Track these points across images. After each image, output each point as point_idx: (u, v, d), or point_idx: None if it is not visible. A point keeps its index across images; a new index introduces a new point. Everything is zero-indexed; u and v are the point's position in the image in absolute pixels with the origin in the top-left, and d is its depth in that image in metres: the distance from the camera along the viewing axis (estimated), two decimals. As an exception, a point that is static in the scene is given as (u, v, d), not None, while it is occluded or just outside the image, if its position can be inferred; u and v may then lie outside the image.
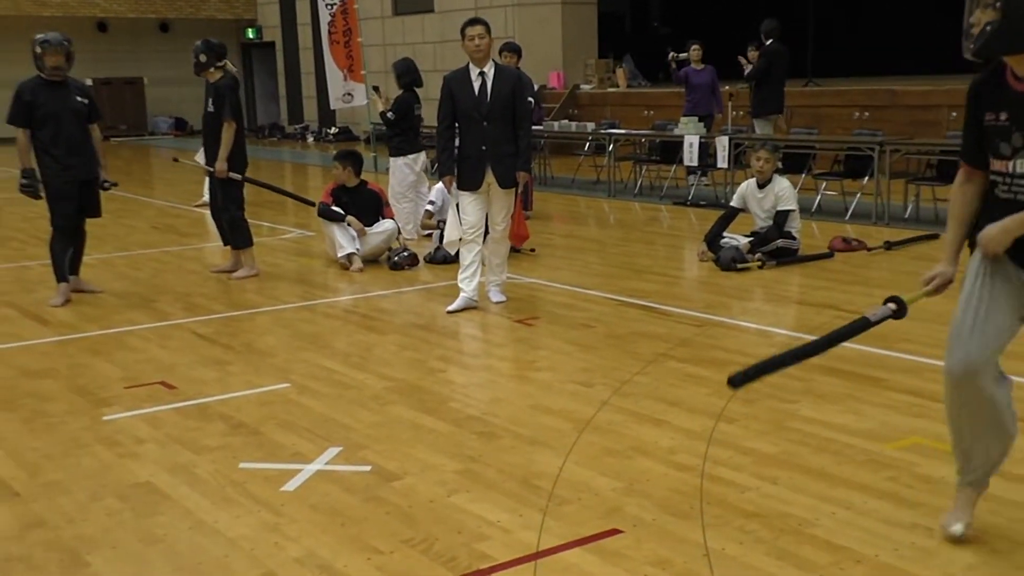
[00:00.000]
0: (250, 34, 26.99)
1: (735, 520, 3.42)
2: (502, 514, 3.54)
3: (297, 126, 25.64)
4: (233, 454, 4.17)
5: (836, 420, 4.34)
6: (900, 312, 3.19)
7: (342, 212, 8.08)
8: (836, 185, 10.61)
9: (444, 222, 8.27)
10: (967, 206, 3.12)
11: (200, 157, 11.60)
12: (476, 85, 6.39)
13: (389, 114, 9.39)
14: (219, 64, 7.46)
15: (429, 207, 8.63)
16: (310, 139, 24.52)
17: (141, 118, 26.67)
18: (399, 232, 8.50)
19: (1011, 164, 2.92)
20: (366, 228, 8.18)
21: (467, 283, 6.60)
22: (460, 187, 6.57)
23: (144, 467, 4.04)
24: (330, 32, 15.77)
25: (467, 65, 6.47)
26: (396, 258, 8.14)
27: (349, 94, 15.99)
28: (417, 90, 9.54)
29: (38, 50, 6.65)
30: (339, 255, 8.12)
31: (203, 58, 7.43)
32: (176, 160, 11.45)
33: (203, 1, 25.98)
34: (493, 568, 3.16)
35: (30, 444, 4.31)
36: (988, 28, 2.77)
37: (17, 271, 8.28)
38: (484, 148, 6.41)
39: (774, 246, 7.73)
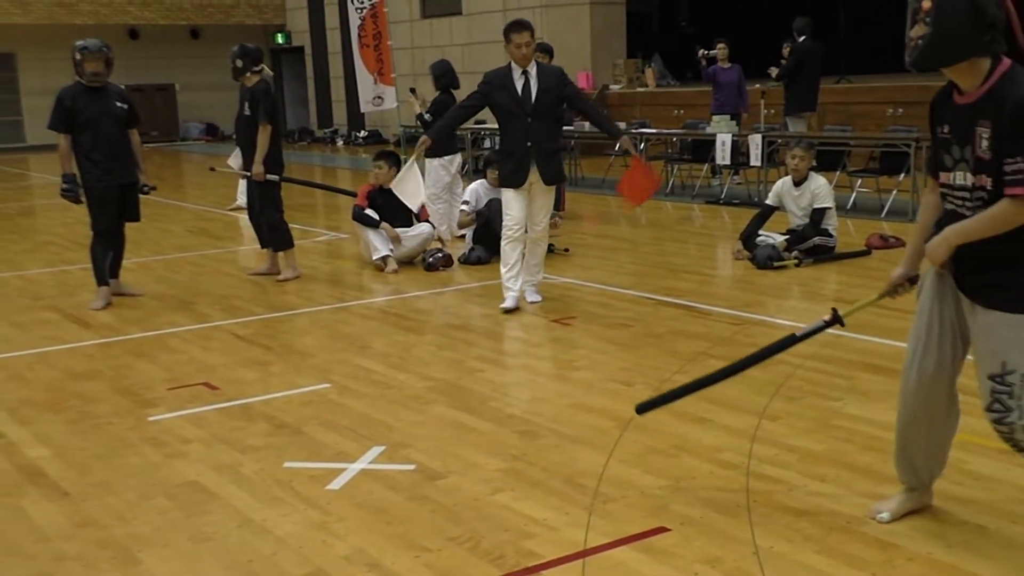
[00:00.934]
0: (279, 39, 27.19)
1: (783, 518, 3.40)
2: (547, 512, 3.54)
3: (327, 130, 25.80)
4: (277, 453, 4.19)
5: (881, 418, 4.30)
6: (833, 323, 3.43)
7: (376, 219, 8.10)
8: (871, 182, 10.53)
9: (479, 216, 8.32)
10: (929, 215, 3.21)
11: (233, 161, 11.72)
12: (519, 85, 6.36)
13: (426, 115, 9.41)
14: (255, 69, 7.53)
15: (464, 207, 8.63)
16: (340, 143, 24.66)
17: (173, 124, 26.95)
18: (435, 234, 8.52)
19: (952, 176, 2.98)
20: (402, 229, 8.21)
21: (513, 281, 6.59)
22: (503, 184, 6.56)
23: (191, 466, 4.07)
24: (360, 36, 15.81)
25: (508, 65, 6.44)
26: (431, 259, 8.16)
27: (379, 97, 16.00)
28: (454, 91, 9.56)
29: (78, 56, 6.73)
30: (374, 257, 8.15)
31: (239, 63, 7.50)
32: (213, 169, 11.53)
33: (233, 8, 26.21)
34: (541, 566, 3.16)
35: (78, 445, 4.36)
36: (920, 42, 2.85)
37: (58, 275, 8.38)
38: (529, 144, 6.38)
39: (811, 244, 7.68)
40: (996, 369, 2.92)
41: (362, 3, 15.67)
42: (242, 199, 12.40)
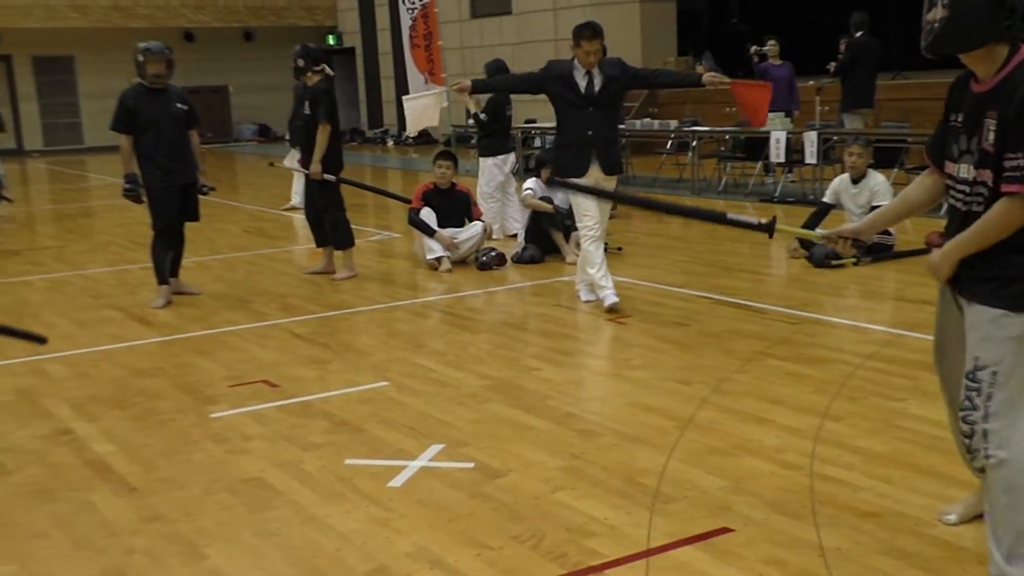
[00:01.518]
0: (331, 40, 27.44)
1: (849, 519, 3.35)
2: (608, 511, 3.53)
3: (377, 130, 25.99)
4: (338, 451, 4.23)
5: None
6: (763, 228, 3.51)
7: (432, 228, 8.13)
8: (930, 179, 10.33)
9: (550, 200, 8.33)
10: (913, 193, 3.19)
11: (289, 162, 11.85)
12: (582, 84, 6.27)
13: (482, 115, 9.43)
14: (316, 68, 7.61)
15: (528, 191, 8.58)
16: (390, 143, 24.83)
17: (226, 125, 27.34)
18: (489, 231, 8.53)
19: (956, 168, 2.88)
20: (454, 229, 8.24)
21: (606, 279, 6.46)
22: (562, 176, 6.36)
23: (253, 463, 4.13)
24: (411, 36, 15.89)
25: (572, 61, 6.31)
26: (484, 258, 8.18)
27: (430, 97, 16.13)
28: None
29: (140, 58, 6.85)
30: (428, 257, 8.19)
31: (301, 62, 7.59)
32: (272, 164, 11.66)
33: (285, 10, 26.52)
34: (605, 565, 3.16)
35: (143, 441, 4.44)
36: (936, 26, 2.74)
37: (118, 274, 8.54)
38: (590, 133, 6.26)
39: (869, 242, 7.55)
40: (970, 366, 2.81)
41: (413, 3, 15.76)
42: (296, 199, 12.54)
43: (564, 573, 3.12)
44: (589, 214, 6.36)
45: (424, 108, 6.98)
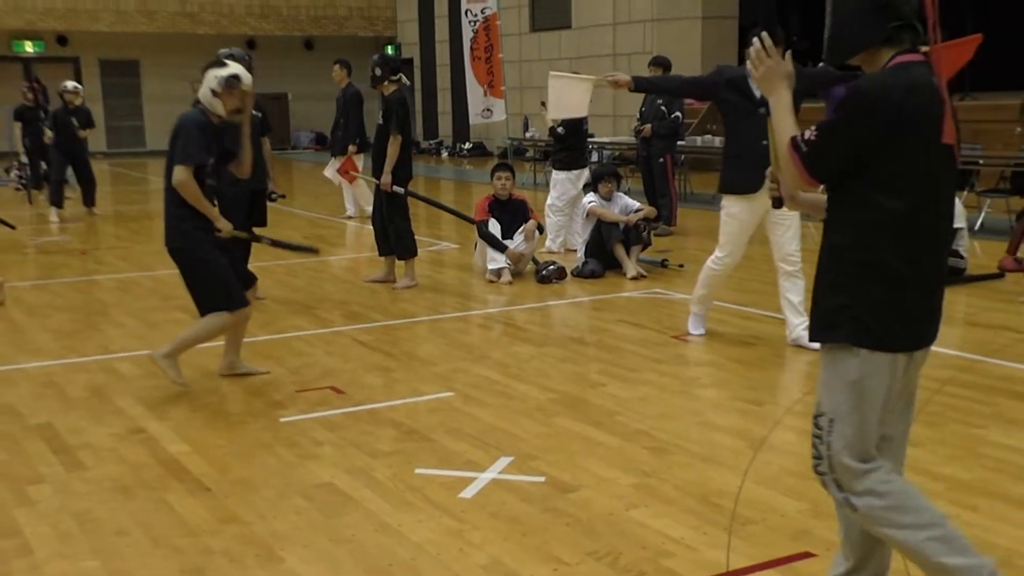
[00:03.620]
0: (390, 51, 27.70)
1: (935, 549, 3.26)
2: (684, 531, 3.48)
3: (432, 141, 26.15)
4: (408, 459, 4.23)
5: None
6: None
7: (503, 244, 8.14)
8: (1001, 203, 10.13)
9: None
10: None
11: (330, 171, 12.00)
12: (758, 89, 5.63)
13: (560, 129, 9.45)
14: (393, 78, 7.66)
15: (592, 203, 8.56)
16: (444, 154, 24.97)
17: (285, 132, 27.69)
18: (541, 231, 8.54)
19: None
20: (518, 241, 8.25)
21: (700, 306, 6.24)
22: (733, 191, 5.84)
23: (325, 469, 4.14)
24: (472, 48, 15.99)
25: (745, 65, 5.97)
26: (544, 272, 8.16)
27: (488, 110, 16.16)
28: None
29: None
30: (490, 267, 8.19)
31: (378, 71, 7.65)
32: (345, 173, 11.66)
33: (346, 20, 26.83)
34: (683, 586, 3.11)
35: (215, 442, 4.47)
36: (825, 35, 2.67)
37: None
38: (765, 143, 5.94)
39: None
40: (815, 410, 2.67)
41: (476, 16, 15.86)
42: (351, 208, 12.67)
43: (643, 592, 3.08)
44: (724, 240, 5.93)
45: (572, 91, 6.43)
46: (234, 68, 5.16)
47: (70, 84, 13.13)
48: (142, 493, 3.89)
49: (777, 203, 2.91)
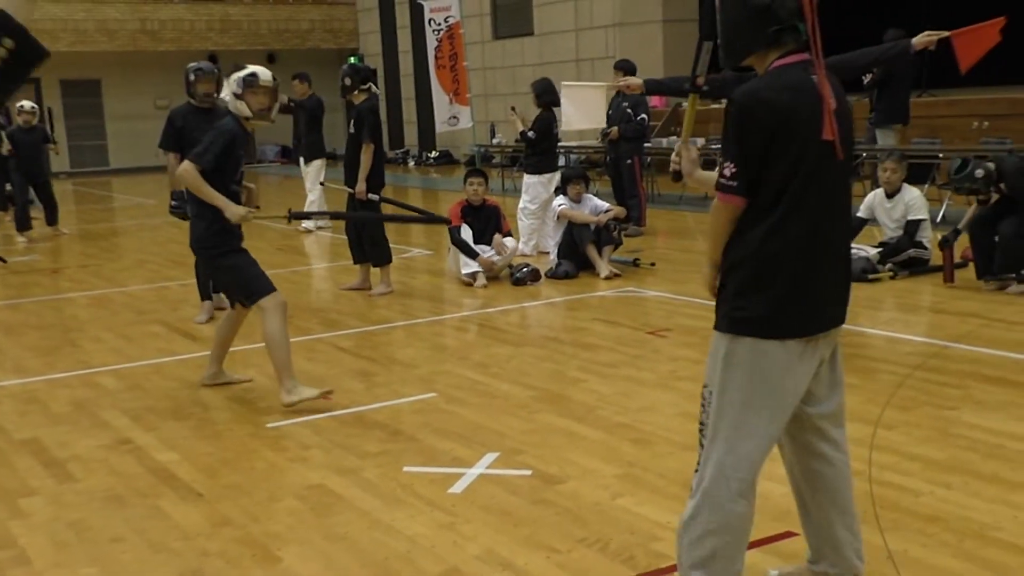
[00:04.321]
0: (353, 62, 27.71)
1: (913, 523, 3.39)
2: (671, 516, 3.57)
3: (398, 151, 26.17)
4: (395, 459, 4.29)
5: (1002, 427, 4.26)
6: None
7: (475, 251, 8.22)
8: (961, 196, 10.34)
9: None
10: None
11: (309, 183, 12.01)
12: None
13: (530, 133, 9.54)
14: (363, 87, 7.72)
15: (563, 205, 8.65)
16: (411, 163, 25.00)
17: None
18: (518, 249, 8.65)
19: None
20: (489, 248, 8.33)
21: None
22: None
23: (314, 471, 4.19)
24: (436, 57, 16.09)
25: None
26: (519, 274, 8.25)
27: (455, 117, 16.26)
28: (554, 109, 9.69)
29: (191, 77, 6.97)
30: (463, 272, 8.27)
31: (348, 81, 7.71)
32: (323, 184, 11.61)
33: (308, 32, 26.82)
34: (672, 567, 3.19)
35: (203, 449, 4.51)
36: (719, 43, 2.77)
37: (158, 291, 8.65)
38: None
39: (905, 256, 7.60)
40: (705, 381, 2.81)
41: (439, 25, 15.97)
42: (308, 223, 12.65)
43: (635, 574, 3.17)
44: None
45: (587, 101, 6.28)
46: (251, 68, 5.17)
47: (27, 104, 13.07)
48: (135, 501, 3.93)
49: (676, 176, 3.04)
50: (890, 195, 7.81)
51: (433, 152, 24.42)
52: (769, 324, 2.63)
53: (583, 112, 6.31)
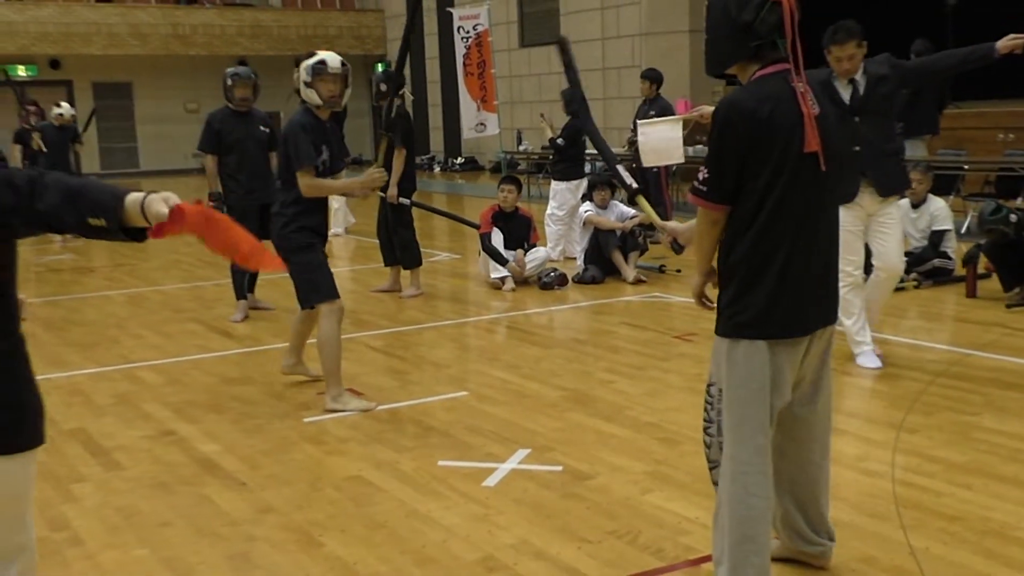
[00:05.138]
0: (379, 68, 27.96)
1: (935, 522, 3.49)
2: (699, 512, 3.69)
3: (424, 156, 26.38)
4: (430, 453, 4.43)
5: (1023, 432, 4.34)
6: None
7: (504, 257, 8.36)
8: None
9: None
10: None
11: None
12: (846, 94, 5.18)
13: (559, 140, 9.68)
14: (398, 93, 7.89)
15: (589, 211, 8.77)
16: (436, 169, 25.20)
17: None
18: (550, 257, 8.77)
19: None
20: (517, 252, 8.47)
21: (863, 333, 5.55)
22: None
23: (352, 463, 4.34)
24: (465, 64, 16.29)
25: (830, 72, 5.21)
26: (546, 278, 8.38)
27: (482, 124, 16.46)
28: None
29: (229, 82, 7.17)
30: (493, 276, 8.41)
31: (383, 87, 7.88)
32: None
33: (336, 39, 27.07)
34: (702, 559, 3.32)
35: (245, 442, 4.67)
36: (704, 52, 2.94)
37: (193, 290, 8.84)
38: (857, 149, 5.19)
39: (930, 266, 7.67)
40: (709, 379, 2.98)
41: (468, 32, 16.16)
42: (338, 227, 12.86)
43: (663, 566, 3.29)
44: (850, 258, 5.37)
45: (664, 137, 6.27)
46: (321, 55, 5.14)
47: (66, 111, 13.43)
48: (181, 488, 4.09)
49: (676, 248, 3.19)
50: (916, 205, 7.88)
51: (459, 158, 24.60)
52: (760, 326, 2.80)
53: (661, 149, 6.29)
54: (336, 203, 12.13)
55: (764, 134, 2.71)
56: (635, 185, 3.20)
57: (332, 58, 5.13)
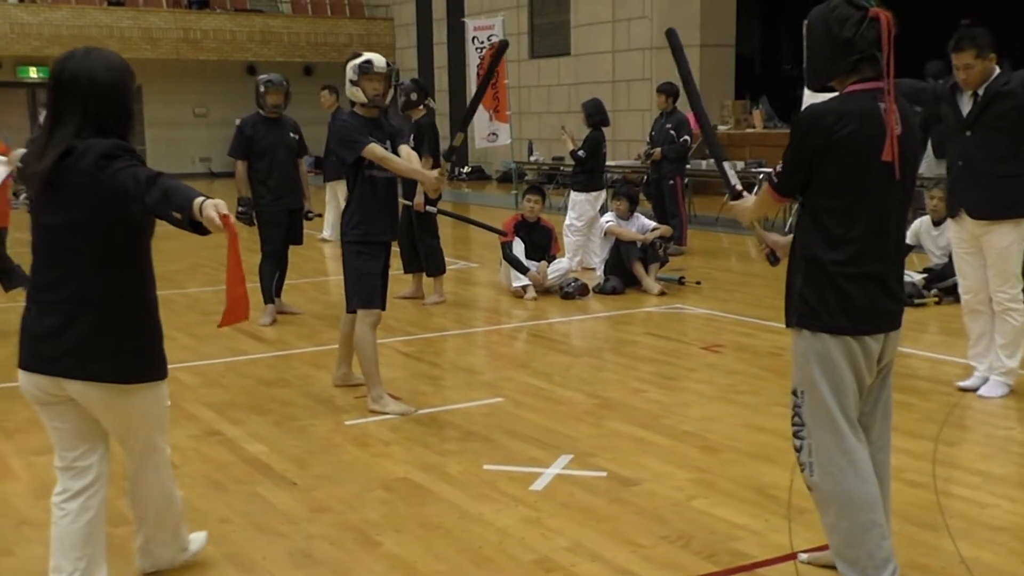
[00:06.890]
0: (416, 78, 28.05)
1: (982, 532, 3.56)
2: (747, 518, 3.76)
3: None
4: (475, 457, 4.50)
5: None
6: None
7: (525, 266, 8.44)
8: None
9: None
10: None
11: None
12: (966, 107, 5.06)
13: (580, 152, 9.78)
14: (425, 102, 7.97)
15: (610, 222, 8.87)
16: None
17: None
18: (572, 267, 8.86)
19: None
20: (539, 262, 8.55)
21: (979, 359, 5.36)
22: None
23: (398, 465, 4.40)
24: (478, 74, 16.40)
25: (952, 85, 5.14)
26: (568, 288, 8.46)
27: (494, 134, 16.57)
28: (604, 129, 9.95)
29: (261, 89, 7.26)
30: (515, 284, 8.48)
31: (414, 96, 7.96)
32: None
33: (346, 46, 27.14)
34: (755, 564, 3.39)
35: (290, 443, 4.73)
36: (804, 68, 3.17)
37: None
38: (961, 163, 5.11)
39: (951, 282, 7.75)
40: (792, 384, 3.15)
41: (482, 43, 16.28)
42: (328, 231, 12.89)
43: (718, 571, 3.36)
44: (960, 278, 5.34)
45: None
46: (367, 55, 5.23)
47: None
48: (233, 487, 4.15)
49: (773, 260, 3.38)
50: (936, 223, 7.98)
51: (466, 167, 24.70)
52: (839, 321, 2.98)
53: None
54: (329, 215, 12.20)
55: (837, 146, 2.91)
56: (739, 187, 3.32)
57: (378, 58, 5.25)
